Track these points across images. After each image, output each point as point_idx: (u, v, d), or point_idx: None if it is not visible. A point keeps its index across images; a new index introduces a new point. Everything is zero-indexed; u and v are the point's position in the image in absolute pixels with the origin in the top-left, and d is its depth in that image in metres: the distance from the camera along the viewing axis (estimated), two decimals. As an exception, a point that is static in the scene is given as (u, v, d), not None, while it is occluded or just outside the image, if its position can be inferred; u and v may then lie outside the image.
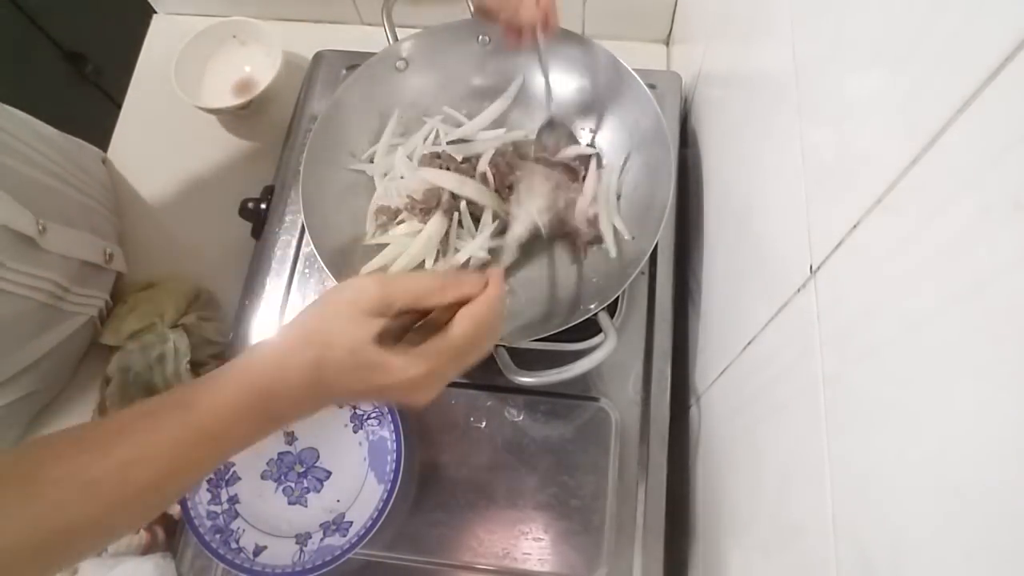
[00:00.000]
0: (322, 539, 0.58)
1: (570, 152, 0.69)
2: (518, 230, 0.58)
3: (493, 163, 0.68)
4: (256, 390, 0.39)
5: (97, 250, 0.73)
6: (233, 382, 0.39)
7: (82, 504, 0.34)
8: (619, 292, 0.62)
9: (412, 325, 0.43)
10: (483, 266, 0.65)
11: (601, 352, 0.54)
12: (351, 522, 0.58)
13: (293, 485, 0.61)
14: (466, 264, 0.65)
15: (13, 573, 0.34)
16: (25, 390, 0.66)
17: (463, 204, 0.66)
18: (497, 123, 0.73)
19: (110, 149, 0.87)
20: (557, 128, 0.71)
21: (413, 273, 0.43)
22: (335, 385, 0.40)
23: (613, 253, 0.65)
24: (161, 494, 0.38)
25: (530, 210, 0.60)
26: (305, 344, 0.39)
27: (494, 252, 0.65)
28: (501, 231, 0.65)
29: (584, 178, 0.67)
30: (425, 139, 0.72)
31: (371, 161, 0.71)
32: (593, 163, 0.69)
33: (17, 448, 0.37)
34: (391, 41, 0.71)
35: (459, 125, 0.73)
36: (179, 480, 0.39)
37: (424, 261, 0.65)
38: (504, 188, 0.67)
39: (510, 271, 0.67)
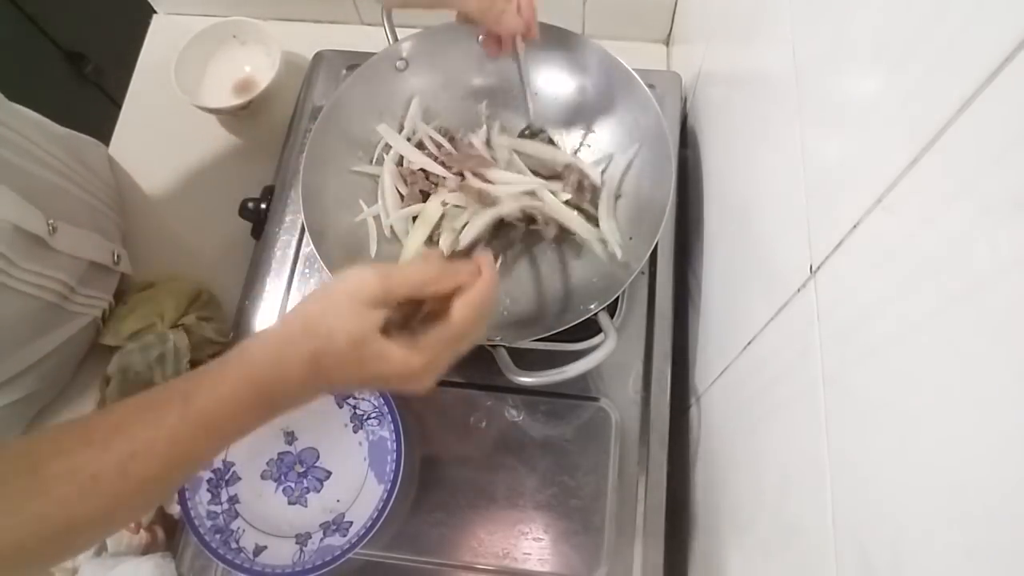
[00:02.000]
0: (322, 539, 0.58)
1: (550, 156, 0.69)
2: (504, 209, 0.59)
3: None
4: (255, 382, 0.39)
5: (106, 252, 0.73)
6: (232, 374, 0.39)
7: (84, 499, 0.35)
8: (619, 292, 0.62)
9: (412, 315, 0.44)
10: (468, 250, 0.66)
11: (601, 352, 0.54)
12: (351, 522, 0.58)
13: (293, 485, 0.61)
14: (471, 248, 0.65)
15: (18, 567, 0.34)
16: (27, 390, 0.66)
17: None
18: (490, 119, 0.74)
19: (110, 149, 0.88)
20: (537, 136, 0.71)
21: (411, 265, 0.44)
22: (335, 376, 0.40)
23: (623, 251, 0.64)
24: (161, 486, 0.39)
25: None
26: (305, 335, 0.39)
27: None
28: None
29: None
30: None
31: (371, 162, 0.71)
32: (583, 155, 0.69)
33: (20, 440, 0.37)
34: (391, 41, 0.71)
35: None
36: (179, 472, 0.39)
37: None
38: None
39: (510, 270, 0.67)
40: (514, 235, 0.67)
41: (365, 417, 0.62)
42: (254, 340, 0.40)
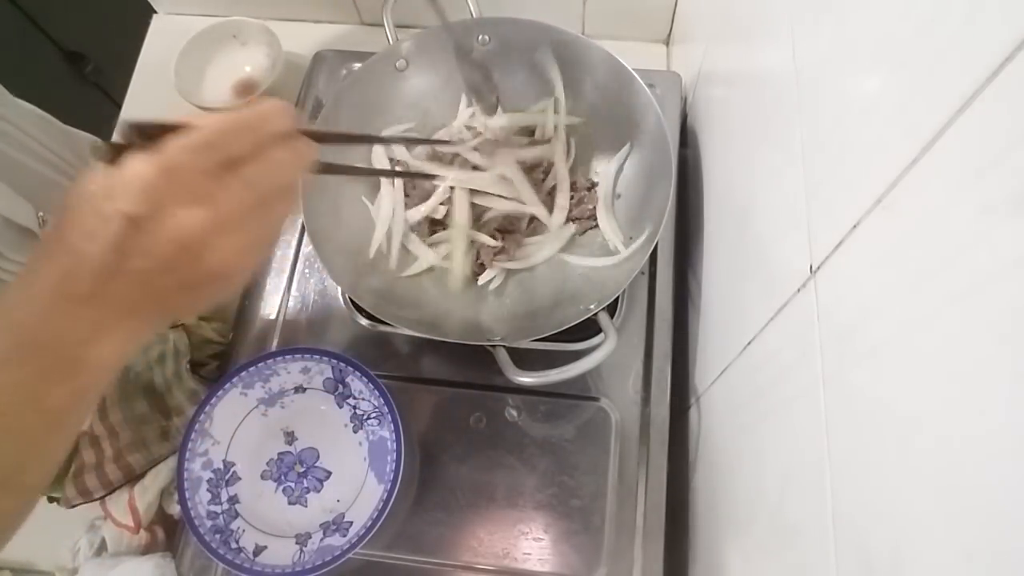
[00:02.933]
0: (322, 539, 0.58)
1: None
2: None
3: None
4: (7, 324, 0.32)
5: None
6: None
7: None
8: (619, 292, 0.62)
9: None
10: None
11: (601, 352, 0.54)
12: (351, 522, 0.58)
13: (293, 485, 0.61)
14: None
15: None
16: None
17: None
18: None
19: (110, 149, 0.87)
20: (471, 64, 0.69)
21: None
22: (73, 234, 0.32)
23: (623, 251, 0.64)
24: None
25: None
26: (47, 240, 0.33)
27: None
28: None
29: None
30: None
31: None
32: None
33: None
34: (391, 41, 0.71)
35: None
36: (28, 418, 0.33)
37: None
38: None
39: (510, 270, 0.67)
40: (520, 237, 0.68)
41: (365, 417, 0.62)
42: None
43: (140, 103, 0.90)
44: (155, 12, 0.96)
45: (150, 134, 0.32)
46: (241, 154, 0.33)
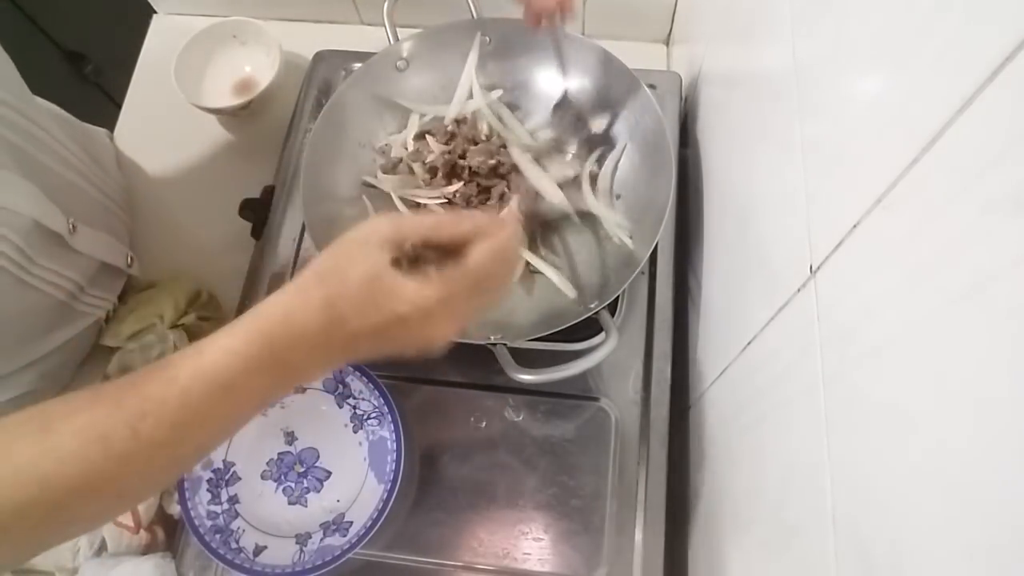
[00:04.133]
0: (322, 539, 0.58)
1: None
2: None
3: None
4: (267, 335, 0.37)
5: (120, 254, 0.73)
6: (242, 329, 0.37)
7: (94, 459, 0.33)
8: (619, 292, 0.62)
9: (425, 260, 0.42)
10: None
11: (602, 351, 0.54)
12: (351, 522, 0.58)
13: (293, 485, 0.61)
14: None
15: (21, 537, 0.33)
16: (26, 387, 0.66)
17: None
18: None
19: (110, 149, 0.88)
20: (568, 108, 0.71)
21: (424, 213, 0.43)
22: (352, 320, 0.38)
23: (629, 244, 0.65)
24: (172, 451, 0.36)
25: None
26: (318, 283, 0.38)
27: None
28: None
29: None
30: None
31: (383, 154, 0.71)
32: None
33: (34, 406, 0.35)
34: (391, 41, 0.71)
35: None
36: (191, 437, 0.36)
37: None
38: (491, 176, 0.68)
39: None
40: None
41: (365, 417, 0.62)
42: (269, 298, 0.39)
43: (140, 103, 0.90)
44: (155, 12, 0.96)
45: (434, 247, 0.41)
46: (496, 282, 0.43)
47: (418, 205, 0.68)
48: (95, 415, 0.34)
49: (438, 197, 0.67)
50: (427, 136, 0.70)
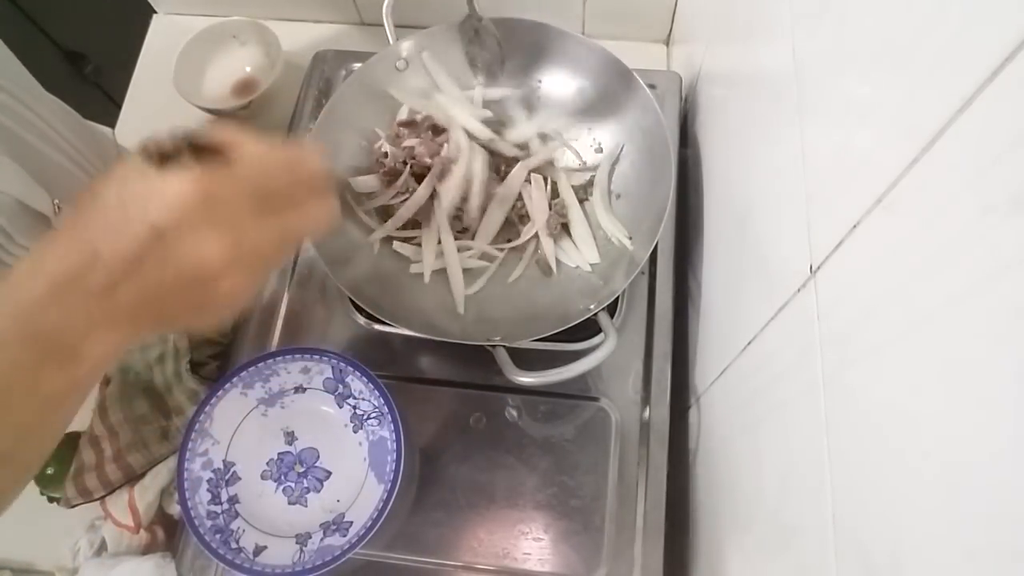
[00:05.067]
0: (322, 539, 0.58)
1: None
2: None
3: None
4: (9, 297, 0.32)
5: None
6: None
7: None
8: (619, 292, 0.62)
9: None
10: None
11: (601, 352, 0.54)
12: (351, 522, 0.58)
13: (293, 485, 0.61)
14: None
15: None
16: None
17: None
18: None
19: (110, 149, 0.88)
20: (483, 35, 0.70)
21: None
22: (103, 248, 0.31)
23: (628, 244, 0.65)
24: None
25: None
26: (71, 219, 0.33)
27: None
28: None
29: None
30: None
31: (383, 154, 0.71)
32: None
33: None
34: (391, 41, 0.71)
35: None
36: None
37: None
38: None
39: (511, 271, 0.67)
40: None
41: (365, 417, 0.62)
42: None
43: (140, 103, 0.90)
44: (155, 12, 0.96)
45: (198, 148, 0.33)
46: (277, 194, 0.35)
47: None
48: None
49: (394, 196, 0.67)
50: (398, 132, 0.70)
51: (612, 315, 0.66)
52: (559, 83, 0.71)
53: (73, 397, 0.36)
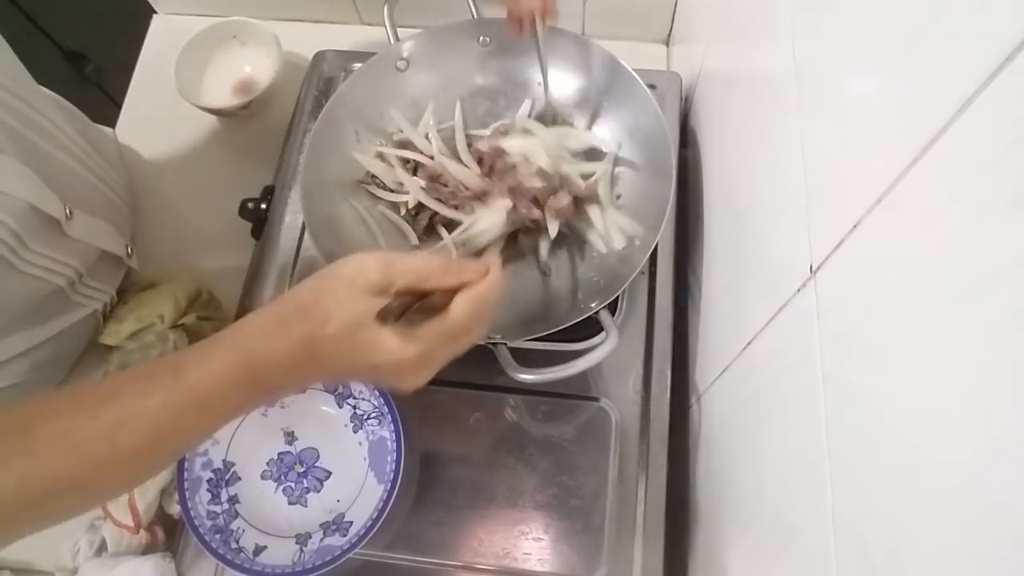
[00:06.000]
0: (322, 539, 0.58)
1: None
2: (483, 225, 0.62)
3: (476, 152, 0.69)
4: (246, 360, 0.38)
5: (119, 244, 0.73)
6: (223, 350, 0.38)
7: (70, 463, 0.34)
8: (619, 292, 0.62)
9: (411, 306, 0.42)
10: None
11: (602, 350, 0.54)
12: (351, 522, 0.58)
13: (293, 485, 0.61)
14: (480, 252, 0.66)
15: (2, 521, 0.34)
16: (18, 377, 0.65)
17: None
18: (488, 113, 0.74)
19: (110, 149, 0.88)
20: (555, 121, 0.71)
21: (415, 254, 0.43)
22: (326, 361, 0.39)
23: (618, 244, 0.64)
24: (148, 459, 0.38)
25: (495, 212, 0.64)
26: (299, 317, 0.39)
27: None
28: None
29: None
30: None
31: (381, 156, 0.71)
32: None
33: (17, 401, 0.36)
34: (391, 41, 0.71)
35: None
36: (168, 446, 0.38)
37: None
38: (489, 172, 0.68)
39: (512, 270, 0.67)
40: (524, 245, 0.68)
41: (365, 417, 0.62)
42: (250, 317, 0.40)
43: (140, 103, 0.90)
44: (155, 12, 0.96)
45: (413, 298, 0.40)
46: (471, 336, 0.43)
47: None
48: (75, 420, 0.35)
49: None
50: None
51: (612, 315, 0.66)
52: (559, 83, 0.71)
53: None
